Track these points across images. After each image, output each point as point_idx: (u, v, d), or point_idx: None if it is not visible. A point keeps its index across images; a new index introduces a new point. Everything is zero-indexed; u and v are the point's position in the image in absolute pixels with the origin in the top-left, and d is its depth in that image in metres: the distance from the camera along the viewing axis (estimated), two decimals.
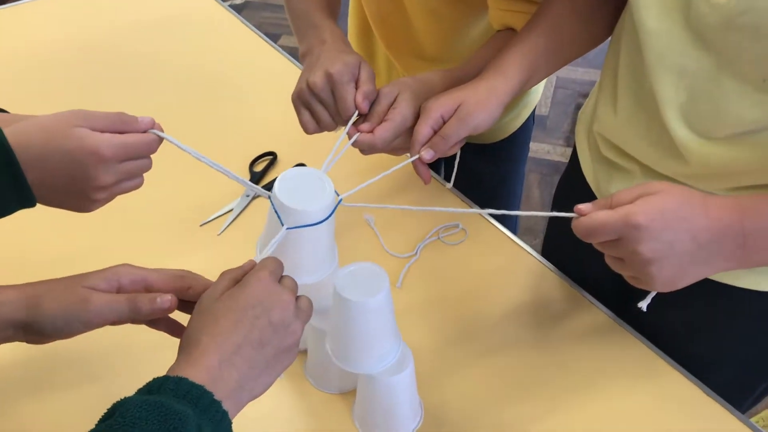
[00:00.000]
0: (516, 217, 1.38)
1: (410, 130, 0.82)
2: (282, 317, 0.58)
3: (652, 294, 0.69)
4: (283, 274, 0.64)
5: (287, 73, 1.39)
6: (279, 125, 1.25)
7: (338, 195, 0.69)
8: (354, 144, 0.82)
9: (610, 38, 0.88)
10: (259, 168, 1.16)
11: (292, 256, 0.66)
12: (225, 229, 1.06)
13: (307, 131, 0.86)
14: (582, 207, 0.64)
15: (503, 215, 1.21)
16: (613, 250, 0.64)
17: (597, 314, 0.94)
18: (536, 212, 0.69)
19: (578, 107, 2.78)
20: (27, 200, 0.60)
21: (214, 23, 1.54)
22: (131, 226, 1.04)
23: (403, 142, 0.84)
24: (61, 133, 0.60)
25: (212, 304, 0.58)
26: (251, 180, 1.13)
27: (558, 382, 0.87)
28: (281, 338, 0.58)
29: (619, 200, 0.63)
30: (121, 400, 0.50)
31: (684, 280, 0.64)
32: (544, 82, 1.02)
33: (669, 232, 0.61)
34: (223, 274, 0.61)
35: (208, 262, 1.01)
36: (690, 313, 0.90)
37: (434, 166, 1.18)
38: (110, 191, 0.64)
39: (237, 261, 1.01)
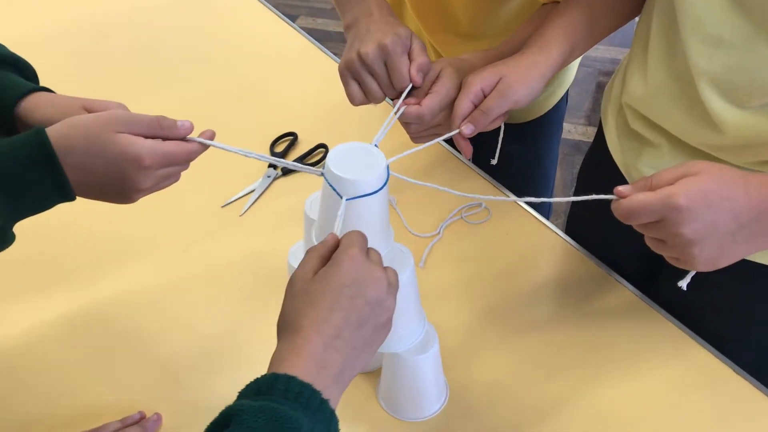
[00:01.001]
0: (549, 203, 1.36)
1: (452, 106, 0.82)
2: (377, 294, 0.58)
3: (692, 273, 0.68)
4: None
5: (306, 54, 1.38)
6: (299, 105, 1.24)
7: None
8: (401, 117, 0.81)
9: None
10: (279, 149, 1.15)
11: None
12: (247, 209, 1.06)
13: (353, 102, 0.85)
14: (622, 189, 0.63)
15: (536, 196, 1.19)
16: (654, 232, 0.63)
17: (624, 293, 0.93)
18: (575, 197, 0.68)
19: (599, 86, 2.74)
20: (68, 197, 0.62)
21: (233, 3, 1.53)
22: (152, 208, 1.04)
23: (444, 118, 0.83)
24: (104, 138, 0.61)
25: (306, 286, 0.57)
26: None
27: (585, 362, 0.86)
28: (377, 315, 0.58)
29: (659, 181, 0.62)
30: (234, 406, 0.51)
31: (725, 259, 0.63)
32: (577, 60, 1.01)
33: (711, 213, 0.60)
34: (309, 252, 0.61)
35: (231, 243, 1.02)
36: (717, 292, 0.88)
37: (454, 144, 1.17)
38: (148, 192, 0.67)
39: (260, 242, 1.02)
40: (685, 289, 0.68)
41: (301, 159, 1.13)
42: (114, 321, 0.92)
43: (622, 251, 0.97)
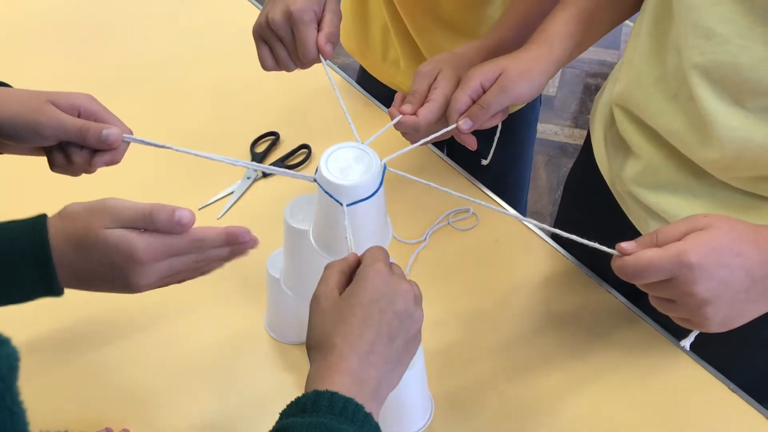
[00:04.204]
0: (525, 201, 1.34)
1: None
2: (405, 307, 0.58)
3: (695, 332, 0.65)
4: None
5: None
6: (280, 104, 1.20)
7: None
8: (397, 126, 0.78)
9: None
10: (260, 149, 1.11)
11: (354, 239, 0.64)
12: (225, 212, 1.02)
13: (264, 68, 0.82)
14: (625, 246, 0.59)
15: (512, 199, 1.16)
16: (663, 291, 0.59)
17: (613, 302, 0.91)
18: (582, 239, 0.64)
19: (586, 87, 2.73)
20: (54, 294, 0.59)
21: (214, 1, 1.48)
22: None
23: (444, 125, 0.79)
24: (92, 240, 0.57)
25: (334, 304, 0.57)
26: (253, 162, 1.09)
27: (572, 372, 0.84)
28: (407, 328, 0.58)
29: (665, 237, 0.59)
30: (282, 424, 0.51)
31: (739, 319, 0.60)
32: None
33: (724, 270, 0.57)
34: (329, 268, 0.60)
35: None
36: None
37: (439, 145, 1.14)
38: (160, 286, 0.61)
39: None
40: (688, 349, 0.65)
41: (282, 160, 1.09)
42: (85, 336, 0.87)
43: (609, 259, 0.95)
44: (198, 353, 0.86)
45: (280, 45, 0.79)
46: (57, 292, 0.58)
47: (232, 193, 1.04)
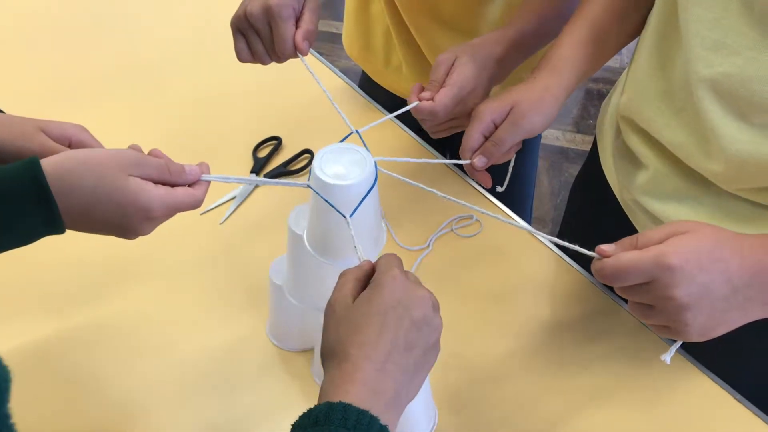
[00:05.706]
0: (530, 207, 1.34)
1: (470, 95, 0.79)
2: (423, 314, 0.56)
3: (678, 344, 0.64)
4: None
5: None
6: (283, 109, 1.20)
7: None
8: (414, 113, 0.79)
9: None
10: (262, 154, 1.11)
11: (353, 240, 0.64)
12: (227, 217, 1.01)
13: (240, 59, 0.82)
14: (605, 248, 0.59)
15: (517, 207, 1.16)
16: (641, 296, 0.58)
17: (619, 312, 0.90)
18: (564, 242, 0.64)
19: (588, 92, 2.72)
20: (57, 231, 0.59)
21: (215, 2, 1.48)
22: None
23: (461, 112, 0.80)
24: (115, 181, 0.59)
25: (349, 311, 0.56)
26: (255, 166, 1.08)
27: (578, 383, 0.83)
28: (426, 336, 0.56)
29: (646, 240, 0.58)
30: None
31: (719, 328, 0.59)
32: None
33: (704, 274, 0.56)
34: (343, 275, 0.59)
35: (210, 252, 0.97)
36: None
37: (441, 151, 1.14)
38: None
39: (240, 251, 0.98)
40: (668, 363, 0.63)
41: (285, 165, 1.09)
42: (83, 344, 0.86)
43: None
44: (199, 361, 0.85)
45: (256, 38, 0.80)
46: (59, 228, 0.58)
47: (234, 198, 1.03)
